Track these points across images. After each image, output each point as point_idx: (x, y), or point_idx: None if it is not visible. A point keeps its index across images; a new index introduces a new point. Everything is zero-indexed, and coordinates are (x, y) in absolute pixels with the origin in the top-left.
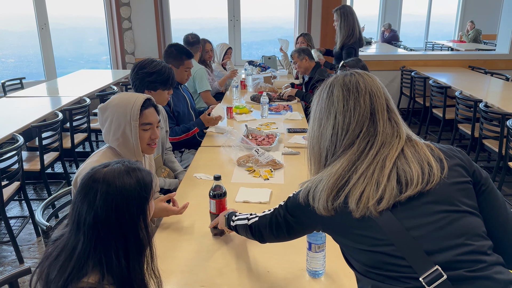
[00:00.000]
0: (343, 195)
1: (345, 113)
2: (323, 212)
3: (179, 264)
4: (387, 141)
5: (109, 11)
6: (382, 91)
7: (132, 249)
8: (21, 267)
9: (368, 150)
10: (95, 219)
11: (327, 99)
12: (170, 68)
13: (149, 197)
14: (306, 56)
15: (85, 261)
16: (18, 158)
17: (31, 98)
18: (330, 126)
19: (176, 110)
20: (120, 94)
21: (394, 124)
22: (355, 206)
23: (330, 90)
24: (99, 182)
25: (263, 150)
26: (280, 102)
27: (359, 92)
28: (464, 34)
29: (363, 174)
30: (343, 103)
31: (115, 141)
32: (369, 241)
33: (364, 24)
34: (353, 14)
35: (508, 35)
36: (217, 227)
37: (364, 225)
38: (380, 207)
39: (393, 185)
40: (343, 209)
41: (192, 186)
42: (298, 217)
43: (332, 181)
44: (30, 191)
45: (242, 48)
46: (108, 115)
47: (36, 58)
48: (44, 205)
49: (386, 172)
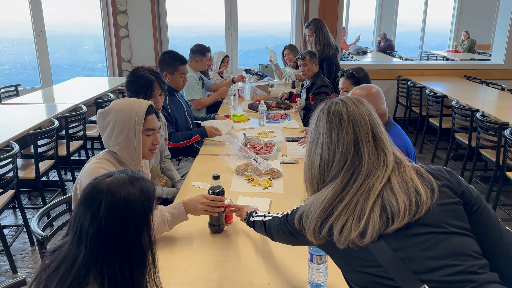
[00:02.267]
0: (327, 226)
1: (329, 145)
2: (313, 240)
3: (179, 276)
4: (372, 172)
5: (106, 18)
6: (368, 119)
7: (136, 260)
8: (16, 279)
9: (353, 182)
10: (99, 231)
11: (315, 129)
12: (146, 78)
13: (152, 206)
14: (316, 61)
15: (86, 273)
16: (13, 166)
17: (26, 105)
18: (317, 156)
19: (173, 116)
20: (122, 99)
21: (381, 152)
22: (338, 237)
23: (318, 120)
24: (103, 192)
25: (262, 159)
26: (278, 111)
27: (341, 124)
28: (459, 44)
29: (346, 206)
30: (327, 135)
31: (117, 146)
32: (358, 262)
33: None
34: (325, 25)
35: (503, 45)
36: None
37: (350, 252)
38: (364, 241)
39: (376, 218)
40: (329, 239)
41: (190, 195)
42: (296, 234)
43: (318, 212)
44: (24, 199)
45: (239, 57)
46: (111, 120)
47: (32, 65)
48: (39, 214)
49: (369, 205)
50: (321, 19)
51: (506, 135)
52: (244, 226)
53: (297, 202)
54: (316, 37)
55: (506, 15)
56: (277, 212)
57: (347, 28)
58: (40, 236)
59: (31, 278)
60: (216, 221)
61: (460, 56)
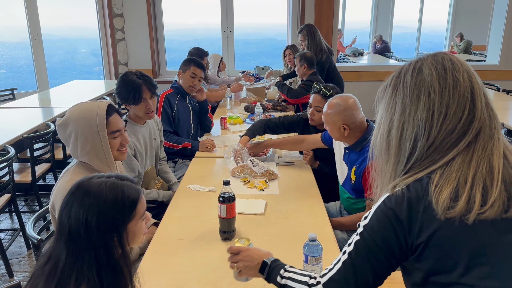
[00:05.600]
0: (465, 196)
1: (443, 92)
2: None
3: (173, 279)
4: (488, 133)
5: (102, 22)
6: (476, 73)
7: (106, 270)
8: (11, 283)
9: (472, 144)
10: (69, 232)
11: (414, 78)
12: (133, 82)
13: (126, 218)
14: (306, 64)
15: (69, 273)
16: (9, 170)
17: (22, 109)
18: (421, 109)
19: (177, 116)
20: (78, 106)
21: (491, 112)
22: (478, 208)
23: (417, 69)
24: (78, 192)
25: (258, 161)
26: (274, 113)
27: (455, 69)
28: (455, 45)
29: (477, 170)
30: (439, 80)
31: (86, 155)
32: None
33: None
34: (317, 31)
35: (498, 46)
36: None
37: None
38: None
39: (503, 196)
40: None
41: (186, 197)
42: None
43: (451, 181)
44: (20, 203)
45: (235, 59)
46: (72, 130)
47: (28, 68)
48: (35, 217)
49: (495, 176)
50: (317, 20)
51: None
52: (240, 227)
53: (293, 203)
54: (308, 42)
55: (501, 17)
56: (273, 214)
57: (343, 30)
58: (36, 240)
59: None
60: (227, 227)
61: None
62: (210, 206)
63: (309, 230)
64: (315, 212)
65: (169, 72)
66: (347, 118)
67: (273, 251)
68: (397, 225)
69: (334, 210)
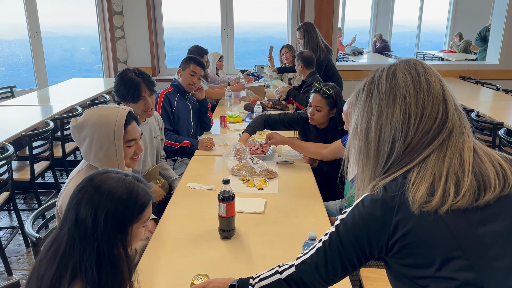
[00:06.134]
0: (440, 189)
1: (418, 95)
2: (406, 213)
3: (172, 277)
4: (459, 132)
5: (102, 20)
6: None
7: (106, 264)
8: (10, 281)
9: (446, 141)
10: (76, 218)
11: (389, 82)
12: (132, 80)
13: (134, 219)
14: (302, 64)
15: (68, 260)
16: (8, 168)
17: (21, 107)
18: (397, 112)
19: (177, 114)
20: (96, 110)
21: (460, 115)
22: (452, 199)
23: (391, 74)
24: (92, 183)
25: (258, 159)
26: (274, 111)
27: (428, 73)
28: (455, 45)
29: (450, 165)
30: (413, 84)
31: (97, 161)
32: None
33: (356, 34)
34: (315, 30)
35: (498, 46)
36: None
37: (437, 221)
38: (456, 205)
39: (472, 183)
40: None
41: (186, 196)
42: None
43: (427, 176)
44: (19, 201)
45: (235, 58)
46: (87, 135)
47: (27, 66)
48: (34, 215)
49: (466, 168)
50: (317, 19)
51: (501, 134)
52: (239, 226)
53: (292, 202)
54: (304, 40)
55: (501, 16)
56: (272, 213)
57: (343, 28)
58: (34, 238)
59: (26, 280)
60: (226, 226)
61: (456, 57)
62: (210, 205)
63: (308, 229)
64: (314, 211)
65: (169, 70)
66: None
67: (272, 250)
68: (370, 225)
69: (334, 209)
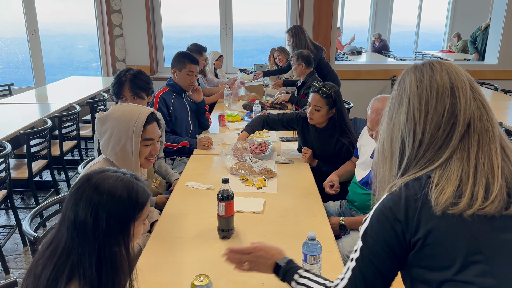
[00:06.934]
0: (468, 192)
1: (421, 93)
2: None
3: (171, 276)
4: (481, 127)
5: (100, 18)
6: (463, 71)
7: (106, 263)
8: (7, 280)
9: (464, 138)
10: (75, 218)
11: (398, 87)
12: (118, 78)
13: (135, 217)
14: (303, 63)
15: (66, 259)
16: (6, 166)
17: (19, 105)
18: (402, 112)
19: (174, 115)
20: (122, 106)
21: (480, 105)
22: (481, 203)
23: (400, 80)
24: (90, 182)
25: (257, 159)
26: (273, 110)
27: (433, 71)
28: (453, 45)
29: (478, 168)
30: (416, 84)
31: (113, 155)
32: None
33: (355, 33)
34: (304, 32)
35: (496, 46)
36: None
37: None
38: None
39: (502, 187)
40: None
41: (184, 195)
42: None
43: (453, 179)
44: (17, 199)
45: (233, 56)
46: (108, 128)
47: (25, 64)
48: (32, 214)
49: (496, 172)
50: (316, 19)
51: None
52: (238, 226)
53: (291, 202)
54: (292, 43)
55: (500, 16)
56: (271, 213)
57: (342, 28)
58: (32, 237)
59: (23, 279)
60: (225, 225)
61: (454, 57)
62: (209, 204)
63: (307, 229)
64: (313, 211)
65: (167, 69)
66: None
67: None
68: (395, 223)
69: (333, 210)
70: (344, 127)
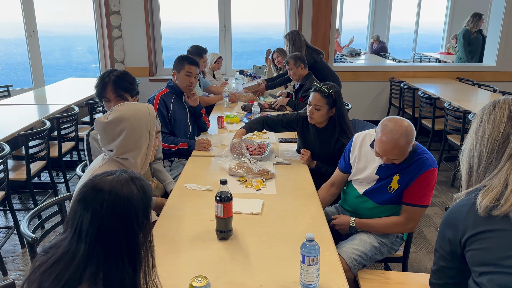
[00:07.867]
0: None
1: (485, 126)
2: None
3: (168, 278)
4: None
5: (99, 19)
6: None
7: (139, 257)
8: (5, 281)
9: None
10: (100, 229)
11: (479, 120)
12: (102, 79)
13: (151, 204)
14: (302, 64)
15: (83, 270)
16: (4, 167)
17: (18, 106)
18: (473, 139)
19: (173, 117)
20: (128, 106)
21: None
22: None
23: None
24: (104, 191)
25: (255, 160)
26: (271, 112)
27: (500, 107)
28: (452, 46)
29: None
30: (488, 120)
31: (130, 152)
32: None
33: (353, 35)
34: (300, 37)
35: (495, 48)
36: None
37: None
38: None
39: None
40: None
41: (183, 196)
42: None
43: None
44: (15, 201)
45: (232, 58)
46: (124, 128)
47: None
48: (30, 216)
49: None
50: (315, 20)
51: None
52: (236, 227)
53: (290, 203)
54: (289, 47)
55: (498, 18)
56: (270, 214)
57: (340, 29)
58: (30, 238)
59: (21, 281)
60: (224, 227)
61: (453, 58)
62: (207, 205)
63: (306, 230)
64: (312, 212)
65: (166, 70)
66: (412, 140)
67: (269, 251)
68: (452, 228)
69: (331, 211)
70: (344, 127)
